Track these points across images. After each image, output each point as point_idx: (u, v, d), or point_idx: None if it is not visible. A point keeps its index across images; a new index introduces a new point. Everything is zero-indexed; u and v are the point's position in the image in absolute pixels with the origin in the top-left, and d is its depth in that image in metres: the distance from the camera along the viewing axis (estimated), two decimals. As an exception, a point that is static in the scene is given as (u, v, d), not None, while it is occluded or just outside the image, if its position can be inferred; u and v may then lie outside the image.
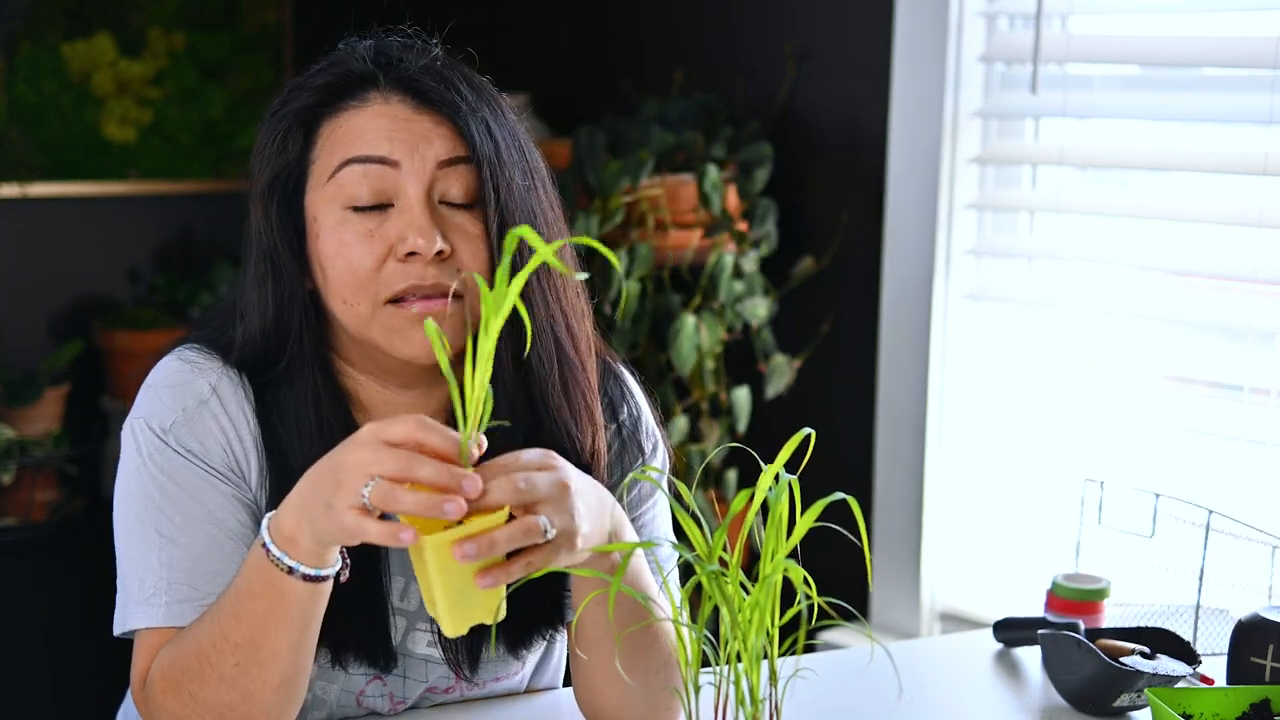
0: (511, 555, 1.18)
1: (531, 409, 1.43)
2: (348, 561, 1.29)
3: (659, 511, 1.54)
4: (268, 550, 1.24)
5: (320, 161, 1.37)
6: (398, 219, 1.35)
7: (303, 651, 1.29)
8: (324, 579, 1.25)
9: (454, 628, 1.19)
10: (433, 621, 1.46)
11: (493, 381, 1.41)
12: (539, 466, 1.21)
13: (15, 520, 3.06)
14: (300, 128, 1.38)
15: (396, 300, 1.35)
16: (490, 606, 1.19)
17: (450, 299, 1.35)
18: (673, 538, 1.55)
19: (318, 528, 1.20)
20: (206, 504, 1.38)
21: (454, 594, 1.17)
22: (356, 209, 1.36)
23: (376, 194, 1.35)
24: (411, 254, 1.34)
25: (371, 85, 1.37)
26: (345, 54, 1.41)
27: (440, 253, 1.34)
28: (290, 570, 1.23)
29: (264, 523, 1.25)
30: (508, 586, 1.19)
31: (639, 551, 1.37)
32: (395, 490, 1.13)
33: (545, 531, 1.18)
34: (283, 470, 1.40)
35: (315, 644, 1.31)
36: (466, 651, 1.47)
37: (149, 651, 1.36)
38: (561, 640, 1.60)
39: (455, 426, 1.46)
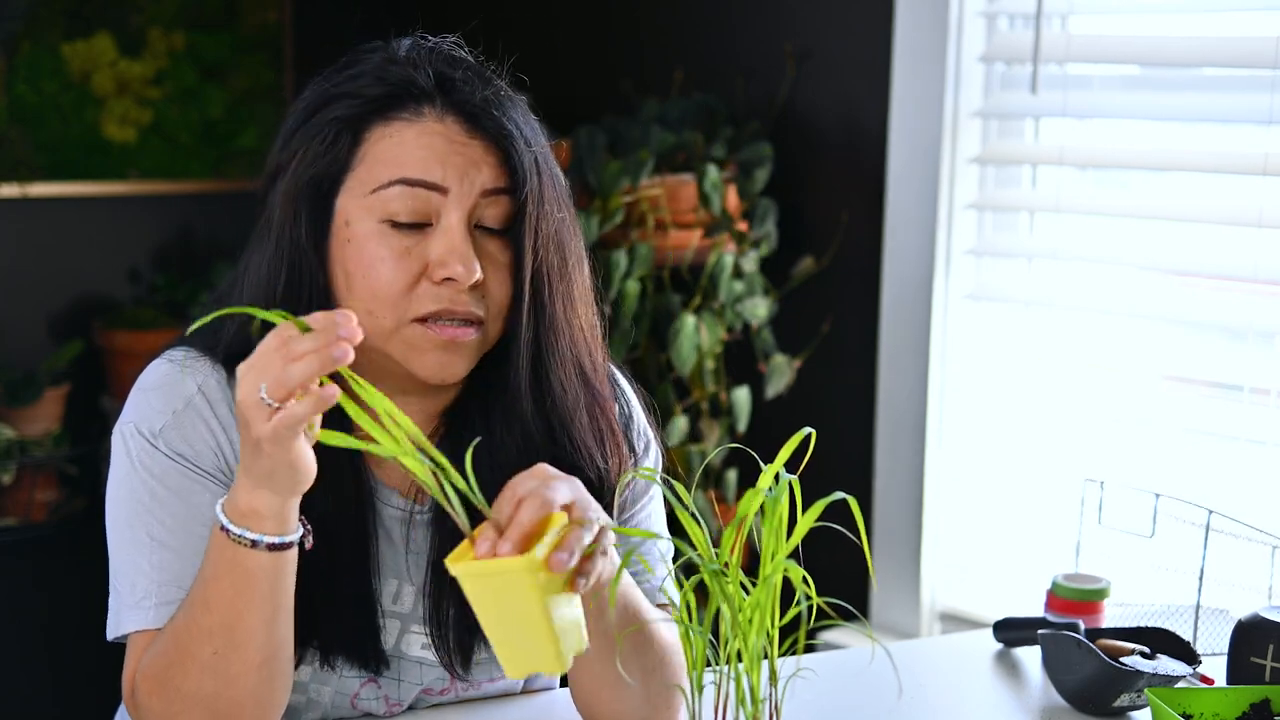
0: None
1: (552, 437, 1.43)
2: (309, 528, 1.29)
3: (652, 510, 1.54)
4: (228, 531, 1.24)
5: (363, 169, 1.36)
6: (438, 241, 1.35)
7: (278, 627, 1.29)
8: (288, 546, 1.25)
9: (563, 666, 1.17)
10: (427, 623, 1.46)
11: (510, 411, 1.42)
12: (544, 479, 1.22)
13: (15, 520, 3.06)
14: (349, 132, 1.37)
15: (422, 319, 1.35)
16: (584, 635, 1.19)
17: (475, 326, 1.36)
18: (668, 535, 1.55)
19: (265, 471, 1.20)
20: (197, 507, 1.37)
21: (557, 625, 1.15)
22: (395, 225, 1.35)
23: (418, 214, 1.35)
24: (448, 279, 1.34)
25: (427, 101, 1.37)
26: (404, 63, 1.39)
27: (476, 282, 1.35)
28: (254, 544, 1.24)
29: (218, 509, 1.25)
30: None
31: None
32: (285, 369, 1.14)
33: (593, 525, 1.21)
34: None
35: (290, 620, 1.31)
36: (460, 653, 1.47)
37: (140, 655, 1.36)
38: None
39: (451, 433, 1.47)
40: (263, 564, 1.25)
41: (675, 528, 1.53)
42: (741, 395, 2.74)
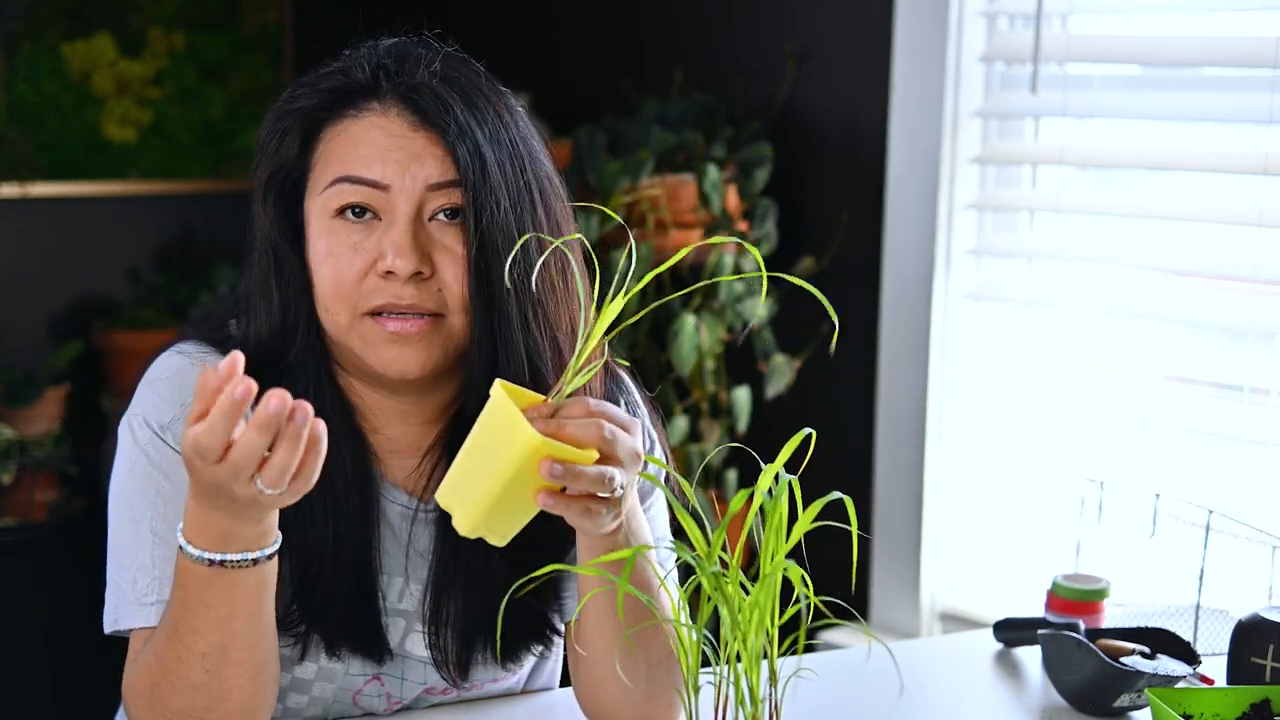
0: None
1: None
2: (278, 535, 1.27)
3: (657, 511, 1.54)
4: (225, 563, 1.22)
5: (318, 169, 1.38)
6: (383, 235, 1.35)
7: (268, 634, 1.29)
8: (272, 555, 1.25)
9: (471, 526, 1.19)
10: (428, 623, 1.46)
11: (464, 401, 1.41)
12: (623, 425, 1.22)
13: (15, 520, 3.05)
14: (299, 130, 1.38)
15: (375, 314, 1.36)
16: (507, 532, 1.22)
17: (426, 319, 1.35)
18: (670, 537, 1.55)
19: (260, 513, 1.19)
20: (202, 504, 1.37)
21: (503, 498, 1.18)
22: (347, 219, 1.36)
23: (367, 207, 1.36)
24: (389, 272, 1.34)
25: (372, 95, 1.37)
26: (353, 59, 1.41)
27: (419, 273, 1.34)
28: (255, 562, 1.23)
29: (192, 549, 1.22)
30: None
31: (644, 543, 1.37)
32: (274, 466, 1.13)
33: (615, 489, 1.21)
34: None
35: (274, 623, 1.31)
36: (456, 661, 1.47)
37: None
38: (558, 644, 1.59)
39: (456, 433, 1.47)
40: (259, 575, 1.24)
41: (678, 528, 1.53)
42: (741, 395, 2.73)
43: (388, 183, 1.35)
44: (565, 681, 1.55)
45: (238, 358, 1.12)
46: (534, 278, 1.37)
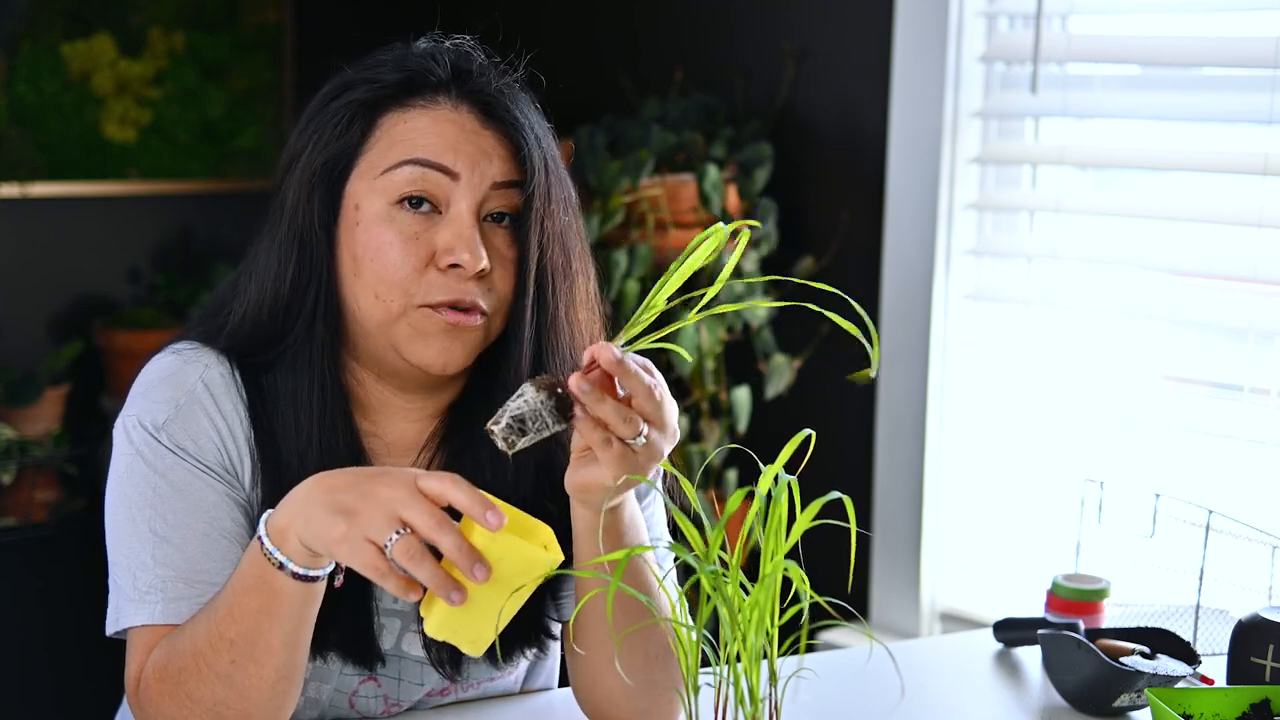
0: None
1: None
2: (343, 567, 1.28)
3: (655, 510, 1.54)
4: (262, 543, 1.24)
5: (375, 153, 1.38)
6: (446, 228, 1.36)
7: (298, 649, 1.29)
8: (314, 579, 1.25)
9: (436, 624, 1.20)
10: (420, 620, 1.46)
11: (470, 401, 1.43)
12: (668, 398, 1.25)
13: (15, 520, 3.06)
14: (365, 116, 1.39)
15: (429, 306, 1.36)
16: (477, 639, 1.22)
17: (480, 316, 1.37)
18: (668, 537, 1.55)
19: (311, 532, 1.20)
20: (200, 503, 1.38)
21: (473, 598, 1.18)
22: (405, 208, 1.36)
23: (428, 198, 1.36)
24: (454, 266, 1.35)
25: (443, 90, 1.39)
26: (422, 54, 1.41)
27: (482, 271, 1.35)
28: (281, 566, 1.24)
29: (263, 517, 1.26)
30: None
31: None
32: (424, 555, 1.16)
33: (639, 436, 1.23)
34: (276, 465, 1.40)
35: (310, 642, 1.31)
36: (450, 659, 1.47)
37: (144, 651, 1.36)
38: (555, 643, 1.59)
39: (452, 431, 1.47)
40: (288, 588, 1.25)
41: (676, 527, 1.53)
42: (741, 395, 2.73)
43: (458, 171, 1.36)
44: (564, 681, 1.55)
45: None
46: (577, 288, 1.43)
